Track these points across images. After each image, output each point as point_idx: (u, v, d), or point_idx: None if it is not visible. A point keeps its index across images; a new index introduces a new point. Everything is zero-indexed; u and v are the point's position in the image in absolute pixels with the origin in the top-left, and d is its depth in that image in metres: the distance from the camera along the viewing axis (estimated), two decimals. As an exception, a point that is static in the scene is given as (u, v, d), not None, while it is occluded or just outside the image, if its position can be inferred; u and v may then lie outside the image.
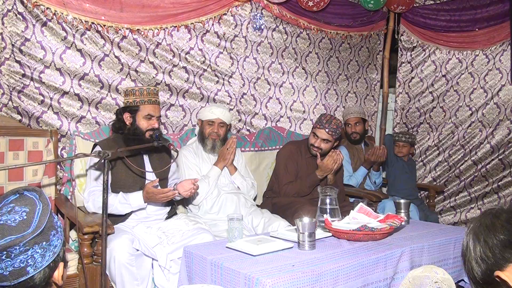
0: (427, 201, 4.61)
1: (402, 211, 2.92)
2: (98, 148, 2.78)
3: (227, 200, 3.20)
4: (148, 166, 2.92)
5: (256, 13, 4.00)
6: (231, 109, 3.95)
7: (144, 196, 2.71)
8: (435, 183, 4.93)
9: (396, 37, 4.84)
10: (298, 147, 3.56)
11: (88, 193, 2.78)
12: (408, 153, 4.50)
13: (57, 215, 3.05)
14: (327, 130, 3.36)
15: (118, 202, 2.71)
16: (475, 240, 1.22)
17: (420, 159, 4.99)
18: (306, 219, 2.25)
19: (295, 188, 3.39)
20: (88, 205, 2.78)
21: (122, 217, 2.79)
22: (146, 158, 2.94)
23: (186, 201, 3.27)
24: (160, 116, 2.95)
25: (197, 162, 3.27)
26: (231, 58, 3.93)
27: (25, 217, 1.19)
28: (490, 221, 1.22)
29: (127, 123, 2.86)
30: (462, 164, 4.82)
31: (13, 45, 2.99)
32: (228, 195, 3.22)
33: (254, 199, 3.49)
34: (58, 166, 3.15)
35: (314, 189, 3.41)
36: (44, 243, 1.20)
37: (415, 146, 4.87)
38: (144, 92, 2.84)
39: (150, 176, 2.90)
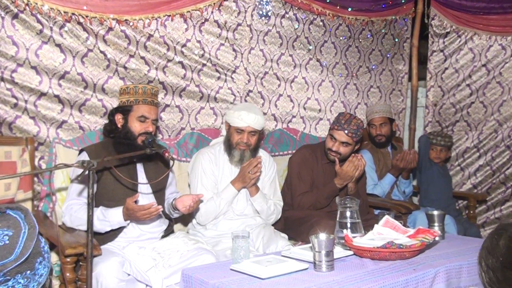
0: (467, 212, 4.57)
1: (436, 224, 2.90)
2: (84, 155, 2.80)
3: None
4: (142, 177, 2.93)
5: (262, -3, 4.02)
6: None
7: (124, 212, 2.69)
8: (475, 190, 4.89)
9: (426, 21, 4.82)
10: (313, 152, 3.55)
11: (66, 206, 2.80)
12: (445, 159, 4.47)
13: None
14: (346, 131, 3.34)
15: (96, 218, 2.69)
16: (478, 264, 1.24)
17: (457, 163, 4.96)
18: (323, 236, 2.23)
19: (311, 199, 3.38)
20: (65, 220, 2.79)
21: (110, 236, 2.79)
22: (140, 167, 2.95)
23: (190, 215, 3.27)
24: (157, 120, 2.96)
25: (215, 171, 3.23)
26: (234, 50, 3.94)
27: (7, 242, 1.17)
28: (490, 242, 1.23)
29: (118, 125, 2.87)
30: (508, 168, 4.78)
31: (-21, 42, 3.02)
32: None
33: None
34: (35, 179, 3.17)
35: (332, 200, 3.40)
36: (28, 272, 1.18)
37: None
38: (139, 91, 2.86)
39: (144, 189, 2.91)
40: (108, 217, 2.70)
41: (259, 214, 3.26)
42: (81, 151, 2.91)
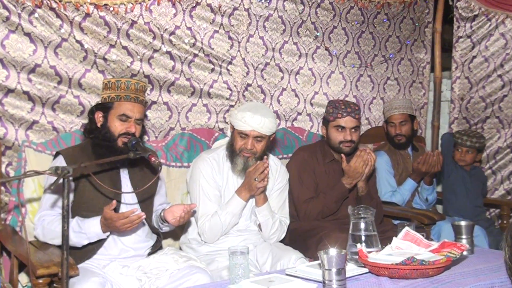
0: (499, 222, 4.57)
1: (464, 236, 2.89)
2: (60, 159, 2.80)
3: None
4: (126, 184, 2.93)
5: (262, -23, 4.02)
6: (231, 106, 3.96)
7: (101, 222, 2.67)
8: (509, 197, 4.89)
9: (450, 3, 4.82)
10: (311, 153, 3.58)
11: (38, 218, 2.79)
12: (472, 162, 4.46)
13: (0, 253, 3.08)
14: (353, 115, 3.43)
15: (71, 230, 2.66)
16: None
17: (488, 165, 4.96)
18: (333, 251, 2.22)
19: (318, 206, 3.39)
20: (37, 233, 2.79)
21: (88, 253, 2.78)
22: (124, 173, 2.95)
23: (183, 228, 3.27)
24: (142, 119, 2.96)
25: (218, 180, 3.20)
26: (230, 38, 3.94)
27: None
28: None
29: (98, 124, 2.88)
30: (546, 172, 4.78)
31: None
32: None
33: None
34: (2, 188, 3.16)
35: (342, 205, 3.41)
36: None
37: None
38: (121, 85, 2.85)
39: (129, 198, 2.91)
40: (84, 229, 2.69)
41: (261, 230, 3.23)
42: (56, 154, 2.90)
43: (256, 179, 3.02)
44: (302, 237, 3.32)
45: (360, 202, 3.46)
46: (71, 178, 2.30)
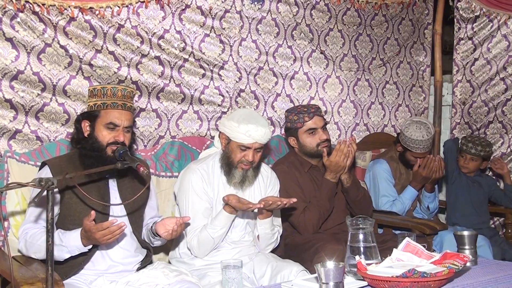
0: (504, 231, 4.57)
1: (467, 247, 2.90)
2: (46, 170, 2.79)
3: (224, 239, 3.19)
4: (115, 196, 2.92)
5: (254, -22, 4.04)
6: (224, 112, 3.96)
7: (82, 234, 2.64)
8: (513, 205, 4.90)
9: (450, 4, 4.84)
10: (290, 164, 3.62)
11: (22, 231, 2.78)
12: (476, 170, 4.48)
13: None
14: (318, 113, 3.56)
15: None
16: None
17: (490, 172, 4.96)
18: (330, 264, 2.23)
19: (314, 211, 3.42)
20: (21, 246, 2.79)
21: (74, 268, 2.77)
22: (113, 184, 2.94)
23: (173, 242, 3.26)
24: (131, 127, 2.95)
25: (209, 192, 3.19)
26: (221, 42, 3.95)
27: None
28: None
29: (85, 134, 2.87)
30: (552, 178, 4.79)
31: None
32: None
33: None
34: (-17, 201, 3.16)
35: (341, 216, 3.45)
36: None
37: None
38: (107, 92, 2.84)
39: (117, 210, 2.90)
40: (64, 241, 2.66)
41: (258, 240, 3.23)
42: (42, 164, 2.89)
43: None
44: (297, 250, 3.33)
45: (348, 194, 3.57)
46: (56, 190, 2.30)
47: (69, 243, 2.66)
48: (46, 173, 2.77)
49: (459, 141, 4.48)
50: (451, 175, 4.45)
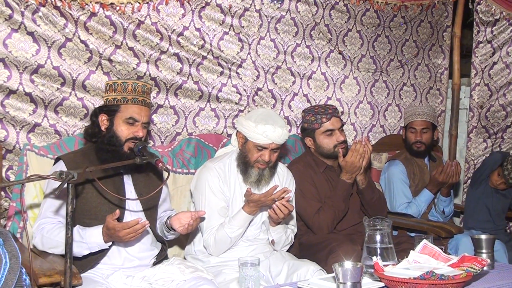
0: (519, 236, 4.55)
1: (484, 251, 2.89)
2: (61, 165, 2.80)
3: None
4: (130, 191, 2.94)
5: (274, -23, 4.04)
6: (241, 110, 3.97)
7: (103, 232, 2.66)
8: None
9: (470, 7, 4.82)
10: (305, 164, 3.62)
11: (37, 226, 2.79)
12: (503, 190, 4.45)
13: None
14: (335, 114, 3.54)
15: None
16: None
17: (507, 177, 4.94)
18: (348, 264, 2.23)
19: (329, 212, 3.42)
20: (36, 242, 2.79)
21: (91, 262, 2.79)
22: (127, 179, 2.95)
23: (188, 236, 3.27)
24: (149, 123, 2.97)
25: (225, 191, 3.20)
26: (240, 40, 3.96)
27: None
28: None
29: (102, 128, 2.88)
30: None
31: None
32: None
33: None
34: (2, 193, 3.18)
35: (356, 223, 3.44)
36: None
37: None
38: (128, 88, 2.86)
39: (133, 206, 2.91)
40: (85, 238, 2.68)
41: (273, 245, 3.25)
42: (57, 159, 2.91)
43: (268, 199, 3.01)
44: (311, 250, 3.33)
45: (363, 195, 3.55)
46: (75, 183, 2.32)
47: (89, 239, 2.67)
48: (61, 167, 2.76)
49: (507, 158, 4.39)
50: (477, 181, 4.43)
